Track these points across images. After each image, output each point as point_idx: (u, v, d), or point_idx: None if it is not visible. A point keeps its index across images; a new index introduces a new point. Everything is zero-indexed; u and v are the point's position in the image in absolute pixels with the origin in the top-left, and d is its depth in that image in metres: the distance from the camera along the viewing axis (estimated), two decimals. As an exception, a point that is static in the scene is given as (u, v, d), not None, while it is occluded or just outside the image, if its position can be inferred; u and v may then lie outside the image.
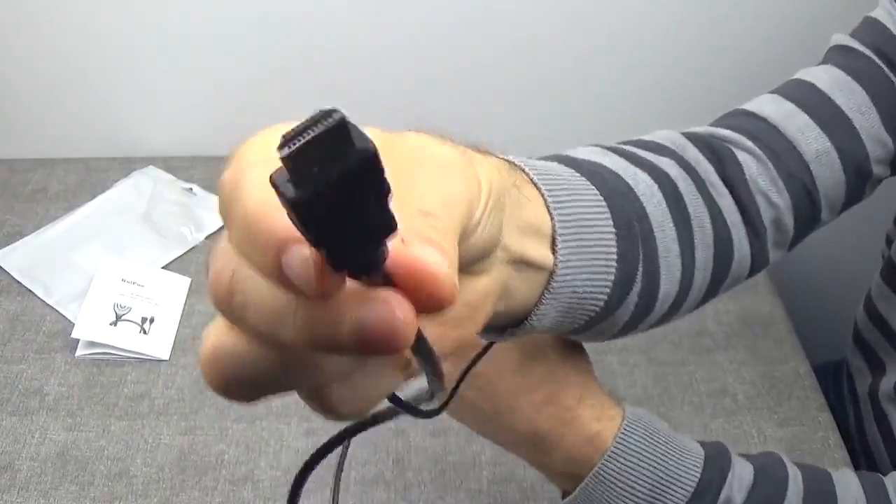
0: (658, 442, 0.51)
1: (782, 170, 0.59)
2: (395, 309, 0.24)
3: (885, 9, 0.64)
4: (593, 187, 0.45)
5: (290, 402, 0.79)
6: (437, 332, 0.28)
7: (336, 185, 0.22)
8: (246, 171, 0.25)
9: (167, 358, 0.83)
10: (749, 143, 0.59)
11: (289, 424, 0.78)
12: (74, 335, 0.83)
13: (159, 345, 0.84)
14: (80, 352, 0.83)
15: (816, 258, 1.22)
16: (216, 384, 0.26)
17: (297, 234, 0.22)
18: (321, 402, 0.28)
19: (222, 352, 0.26)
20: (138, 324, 0.85)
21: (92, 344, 0.83)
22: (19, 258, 0.92)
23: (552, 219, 0.40)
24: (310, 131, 0.22)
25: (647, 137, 0.58)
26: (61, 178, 1.03)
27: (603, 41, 1.01)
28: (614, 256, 0.43)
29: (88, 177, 1.03)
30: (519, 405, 0.51)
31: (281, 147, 0.22)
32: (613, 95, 1.05)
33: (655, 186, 0.51)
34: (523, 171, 0.40)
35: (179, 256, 0.93)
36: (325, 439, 0.36)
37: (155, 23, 0.98)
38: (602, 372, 0.82)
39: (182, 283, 0.90)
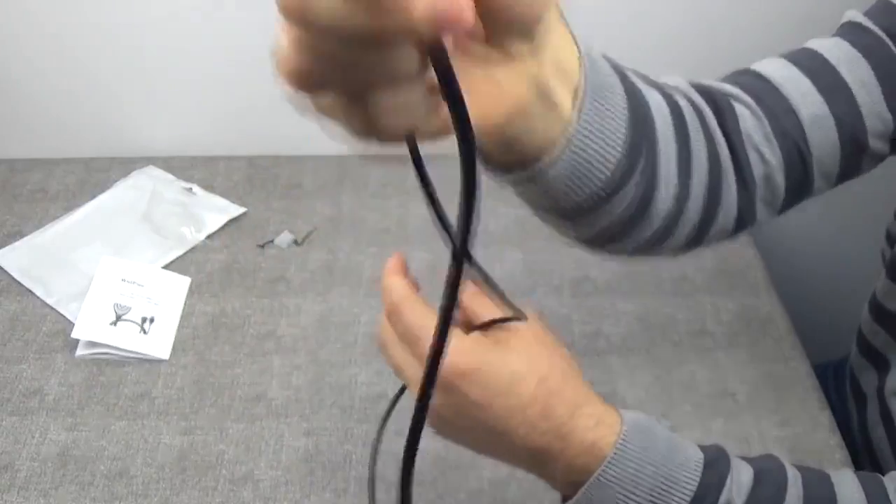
0: (657, 448, 0.51)
1: (777, 128, 0.60)
2: None
3: None
4: (618, 78, 0.48)
5: (290, 402, 0.79)
6: None
7: None
8: None
9: (167, 358, 0.83)
10: (748, 99, 0.60)
11: (289, 424, 0.78)
12: (74, 335, 0.83)
13: (159, 345, 0.84)
14: (80, 352, 0.83)
15: (816, 258, 1.22)
16: (284, 76, 0.31)
17: None
18: (363, 114, 0.32)
19: (287, 49, 0.30)
20: (138, 324, 0.85)
21: (92, 344, 0.83)
22: (19, 258, 0.92)
23: (583, 77, 0.44)
24: None
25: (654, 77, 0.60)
26: (61, 178, 1.03)
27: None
28: (623, 134, 0.47)
29: (88, 177, 1.03)
30: (513, 425, 0.50)
31: None
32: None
33: (666, 108, 0.54)
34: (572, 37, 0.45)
35: (179, 256, 0.93)
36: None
37: (155, 23, 0.98)
38: (602, 372, 0.83)
39: (182, 283, 0.90)
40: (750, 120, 0.60)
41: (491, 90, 0.39)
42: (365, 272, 0.92)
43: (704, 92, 0.60)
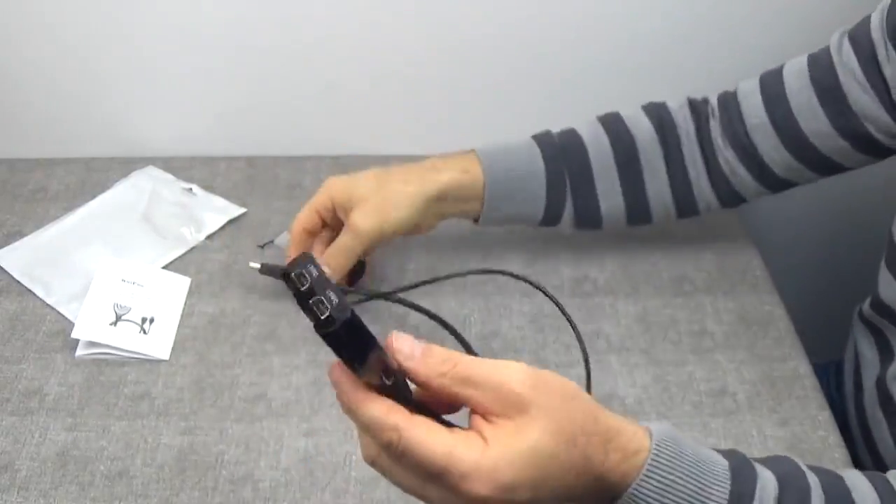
0: (684, 468, 0.50)
1: (728, 132, 0.82)
2: None
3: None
4: (542, 163, 0.83)
5: (290, 402, 0.79)
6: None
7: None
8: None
9: (167, 358, 0.83)
10: (717, 110, 0.83)
11: (289, 424, 0.78)
12: (74, 335, 0.83)
13: (159, 345, 0.84)
14: (80, 352, 0.83)
15: (816, 258, 1.22)
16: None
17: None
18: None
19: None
20: (138, 324, 0.85)
21: (92, 344, 0.83)
22: (19, 258, 0.92)
23: (485, 194, 0.82)
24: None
25: (661, 101, 0.86)
26: (61, 178, 1.03)
27: (594, 30, 1.01)
28: (543, 201, 0.83)
29: (88, 177, 1.03)
30: (555, 493, 0.47)
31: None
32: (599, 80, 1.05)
33: (609, 147, 0.83)
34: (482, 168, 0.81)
35: (179, 256, 0.93)
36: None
37: (155, 23, 0.98)
38: (602, 372, 0.83)
39: (182, 283, 0.90)
40: (715, 126, 0.83)
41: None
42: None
43: (694, 107, 0.85)
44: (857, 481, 0.54)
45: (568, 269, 0.93)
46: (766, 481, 0.51)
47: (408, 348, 0.46)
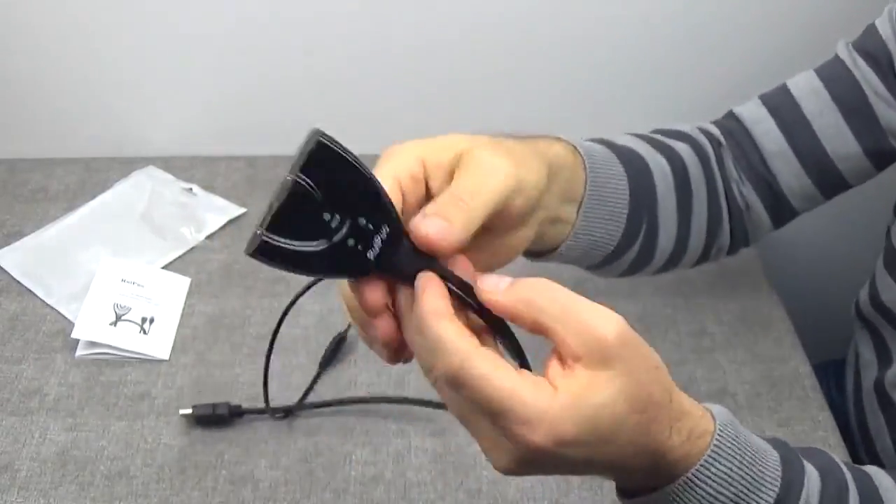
0: (744, 450, 0.48)
1: (745, 164, 0.73)
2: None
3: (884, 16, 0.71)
4: (622, 168, 0.63)
5: (290, 403, 0.79)
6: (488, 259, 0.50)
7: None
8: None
9: (167, 358, 0.83)
10: (725, 140, 0.74)
11: (289, 424, 0.78)
12: (74, 335, 0.83)
13: (159, 345, 0.84)
14: (80, 352, 0.83)
15: (816, 257, 1.22)
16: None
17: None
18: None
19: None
20: (138, 324, 0.85)
21: (92, 344, 0.83)
22: (19, 258, 0.92)
23: (585, 191, 0.58)
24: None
25: (670, 126, 0.73)
26: (61, 178, 1.03)
27: (596, 38, 1.01)
28: (624, 219, 0.62)
29: (88, 177, 1.03)
30: (612, 461, 0.45)
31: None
32: (604, 92, 1.05)
33: (668, 169, 0.67)
34: (580, 154, 0.59)
35: (179, 256, 0.93)
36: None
37: (155, 23, 0.98)
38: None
39: (182, 283, 0.90)
40: (730, 159, 0.73)
41: (506, 250, 0.53)
42: (365, 272, 0.92)
43: (707, 134, 0.74)
44: (881, 478, 0.54)
45: (569, 270, 0.93)
46: (811, 473, 0.51)
47: (493, 284, 0.46)
